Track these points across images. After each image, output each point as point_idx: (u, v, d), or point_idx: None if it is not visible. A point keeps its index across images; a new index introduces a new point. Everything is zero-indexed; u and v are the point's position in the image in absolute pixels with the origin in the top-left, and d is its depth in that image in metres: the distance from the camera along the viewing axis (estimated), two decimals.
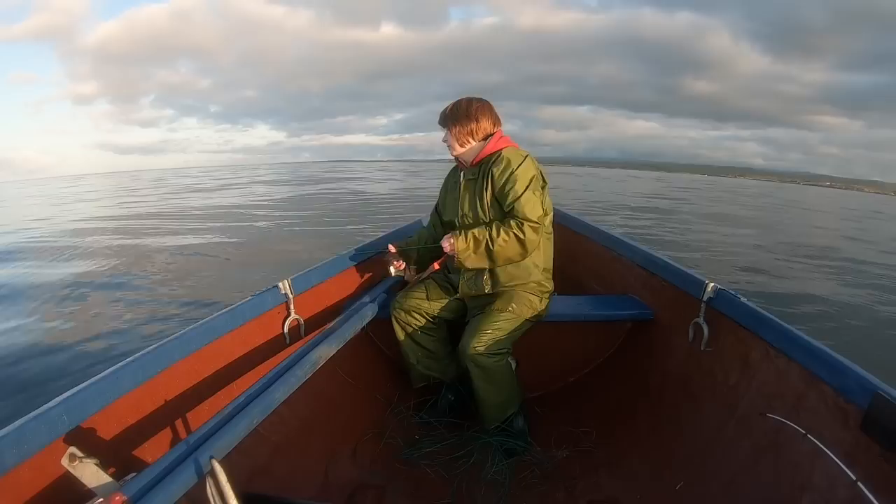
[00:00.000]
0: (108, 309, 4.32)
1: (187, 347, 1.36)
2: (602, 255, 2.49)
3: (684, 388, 1.70)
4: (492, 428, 1.74)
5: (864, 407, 1.05)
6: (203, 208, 14.10)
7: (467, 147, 1.77)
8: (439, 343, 1.90)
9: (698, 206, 18.70)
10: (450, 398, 1.91)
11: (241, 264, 6.24)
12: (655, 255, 2.10)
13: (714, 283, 1.67)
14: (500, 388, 1.71)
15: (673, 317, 1.86)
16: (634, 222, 11.51)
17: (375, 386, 2.03)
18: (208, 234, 8.77)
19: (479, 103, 1.76)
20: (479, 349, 1.64)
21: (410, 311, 1.85)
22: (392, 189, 20.31)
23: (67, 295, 4.82)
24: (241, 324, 1.56)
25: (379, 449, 1.73)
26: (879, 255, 9.29)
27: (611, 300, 2.19)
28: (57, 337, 3.62)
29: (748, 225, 13.14)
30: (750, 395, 1.43)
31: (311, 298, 1.87)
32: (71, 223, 11.27)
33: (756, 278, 6.18)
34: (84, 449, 0.94)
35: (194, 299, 4.48)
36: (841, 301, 5.33)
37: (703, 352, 1.67)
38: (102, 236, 8.74)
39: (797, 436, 1.19)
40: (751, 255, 7.94)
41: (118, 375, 1.15)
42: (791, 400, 1.28)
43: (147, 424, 1.24)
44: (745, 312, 1.53)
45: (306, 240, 7.95)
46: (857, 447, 1.07)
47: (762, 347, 1.43)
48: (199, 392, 1.39)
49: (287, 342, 1.76)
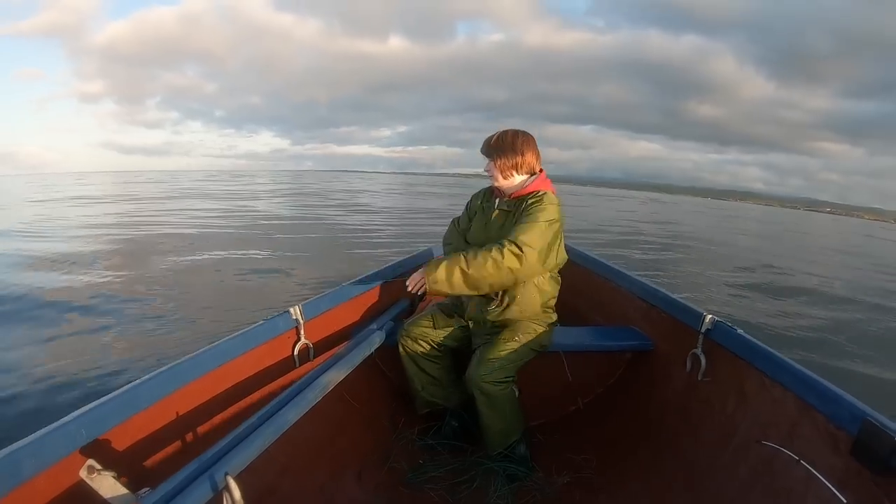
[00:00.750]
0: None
1: (201, 368, 1.41)
2: (603, 287, 2.56)
3: (683, 417, 1.75)
4: (495, 454, 1.78)
5: (854, 433, 1.11)
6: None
7: (510, 180, 1.80)
8: (444, 371, 1.95)
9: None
10: (454, 424, 1.95)
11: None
12: (655, 287, 2.17)
13: (712, 315, 1.74)
14: (503, 416, 1.75)
15: (672, 347, 1.92)
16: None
17: (381, 411, 2.07)
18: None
19: (524, 137, 1.79)
20: (486, 377, 1.69)
21: (417, 338, 1.91)
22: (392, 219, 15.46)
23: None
24: (252, 347, 1.62)
25: (383, 473, 1.76)
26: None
27: (611, 331, 2.24)
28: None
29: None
30: (746, 424, 1.49)
31: (320, 324, 1.93)
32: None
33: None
34: (101, 462, 0.98)
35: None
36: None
37: (700, 382, 1.73)
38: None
39: (791, 462, 1.25)
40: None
41: (135, 392, 1.20)
42: (785, 427, 1.34)
43: (162, 440, 1.29)
44: (742, 343, 1.59)
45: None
46: (848, 472, 1.12)
47: (758, 377, 1.49)
48: (212, 411, 1.44)
49: (296, 365, 1.81)
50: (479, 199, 1.99)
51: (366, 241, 9.72)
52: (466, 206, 2.04)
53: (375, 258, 7.39)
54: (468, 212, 2.01)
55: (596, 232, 14.06)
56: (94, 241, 8.69)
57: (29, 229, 10.23)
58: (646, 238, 13.70)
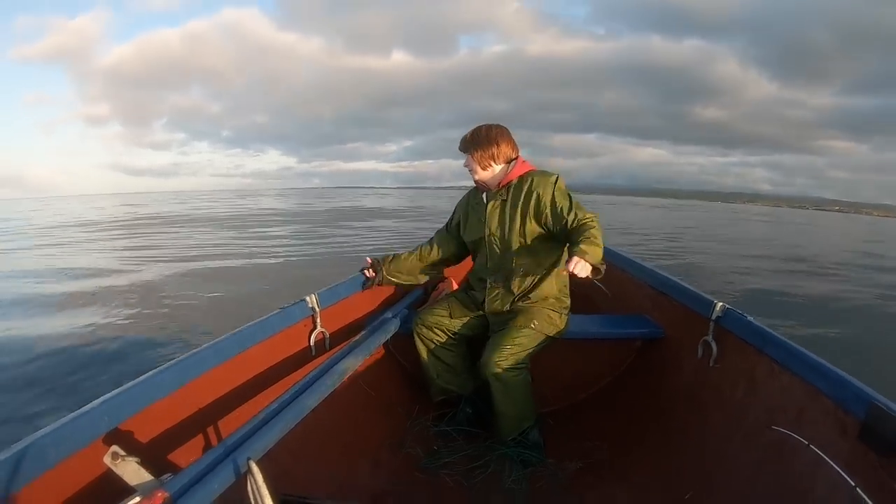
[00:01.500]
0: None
1: (220, 356, 1.43)
2: (615, 276, 2.56)
3: (693, 403, 1.77)
4: (508, 440, 1.81)
5: (861, 417, 1.12)
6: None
7: (489, 171, 1.86)
8: (459, 358, 1.98)
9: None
10: (468, 411, 1.98)
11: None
12: (666, 275, 2.19)
13: (722, 303, 1.75)
14: (517, 402, 1.78)
15: (683, 335, 1.93)
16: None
17: (396, 398, 2.10)
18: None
19: (498, 129, 1.87)
20: (501, 364, 1.71)
21: (432, 327, 1.94)
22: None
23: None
24: (270, 335, 1.64)
25: (399, 458, 1.79)
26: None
27: (623, 319, 2.26)
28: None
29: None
30: (755, 409, 1.50)
31: (336, 312, 1.95)
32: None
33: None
34: (125, 448, 0.99)
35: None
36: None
37: (711, 368, 1.74)
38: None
39: (800, 446, 1.26)
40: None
41: (156, 380, 1.23)
42: (794, 413, 1.35)
43: (183, 427, 1.31)
44: (752, 330, 1.60)
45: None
46: (856, 455, 1.13)
47: (767, 363, 1.51)
48: (231, 398, 1.47)
49: (313, 354, 1.84)
50: (466, 200, 2.05)
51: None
52: (453, 213, 2.10)
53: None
54: (457, 215, 2.08)
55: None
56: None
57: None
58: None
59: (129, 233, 14.84)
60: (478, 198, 1.97)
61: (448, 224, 2.13)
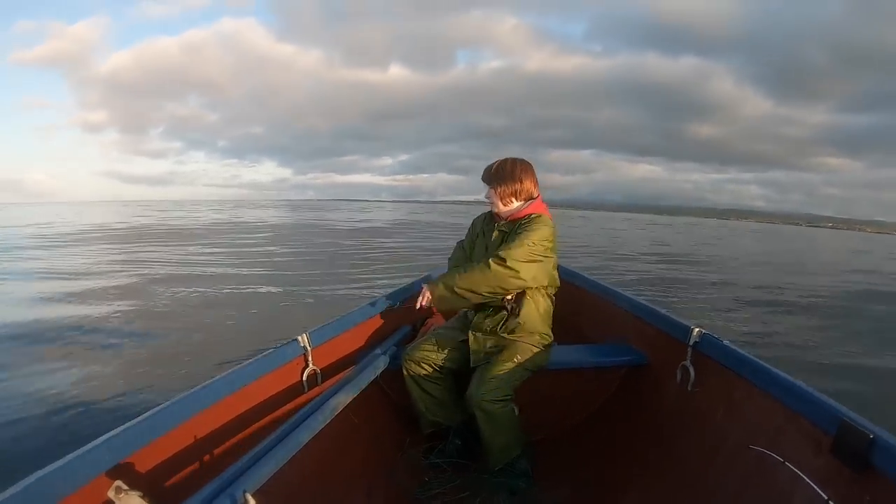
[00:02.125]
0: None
1: (216, 395, 1.49)
2: (598, 305, 2.65)
3: (676, 427, 1.82)
4: (497, 469, 1.85)
5: (834, 434, 1.18)
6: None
7: (509, 206, 1.93)
8: (446, 391, 2.03)
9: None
10: (457, 442, 2.02)
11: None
12: (645, 302, 2.27)
13: (699, 328, 1.82)
14: (503, 432, 1.83)
15: (663, 361, 2.00)
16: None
17: (387, 432, 2.16)
18: None
19: (523, 165, 1.93)
20: (485, 396, 1.77)
21: (420, 362, 1.99)
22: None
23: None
24: (263, 374, 1.70)
25: (391, 490, 1.84)
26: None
27: (607, 348, 2.33)
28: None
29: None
30: (735, 430, 1.56)
31: (327, 350, 2.01)
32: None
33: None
34: (128, 482, 1.05)
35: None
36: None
37: (691, 392, 1.81)
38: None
39: (777, 464, 1.33)
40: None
41: (156, 418, 1.29)
42: (771, 432, 1.42)
43: (182, 462, 1.37)
44: (728, 354, 1.67)
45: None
46: (830, 471, 1.19)
47: (744, 385, 1.57)
48: (227, 435, 1.52)
49: (305, 390, 1.89)
50: (481, 222, 2.12)
51: None
52: (469, 230, 2.17)
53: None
54: (471, 234, 2.14)
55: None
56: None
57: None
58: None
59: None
60: (489, 223, 2.05)
61: (464, 242, 2.18)
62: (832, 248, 27.77)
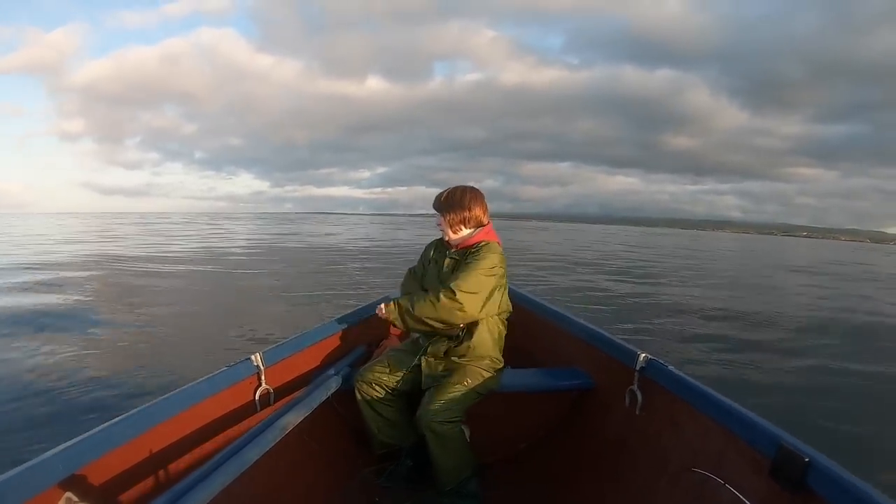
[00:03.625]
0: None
1: (168, 411, 1.50)
2: (549, 329, 2.69)
3: (623, 450, 1.87)
4: (447, 490, 1.87)
5: (772, 456, 1.23)
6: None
7: (459, 234, 1.99)
8: (398, 413, 2.04)
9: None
10: (409, 463, 2.03)
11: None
12: (595, 328, 2.32)
13: (645, 354, 1.87)
14: (453, 454, 1.85)
15: (611, 385, 2.04)
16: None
17: (339, 452, 2.16)
18: None
19: (472, 193, 1.98)
20: (435, 417, 1.80)
21: (372, 383, 2.01)
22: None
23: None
24: (216, 392, 1.70)
25: None
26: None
27: (556, 372, 2.36)
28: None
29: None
30: (679, 453, 1.61)
31: (280, 370, 2.01)
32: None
33: None
34: (78, 494, 1.08)
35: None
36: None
37: (637, 416, 1.86)
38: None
39: (719, 486, 1.38)
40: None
41: (109, 432, 1.29)
42: (713, 455, 1.47)
43: (134, 476, 1.38)
44: (672, 379, 1.73)
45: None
46: (770, 493, 1.24)
47: (687, 409, 1.62)
48: (179, 451, 1.53)
49: (258, 409, 1.89)
50: (432, 249, 2.17)
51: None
52: (421, 256, 2.21)
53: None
54: (423, 260, 2.19)
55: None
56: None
57: None
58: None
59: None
60: (441, 251, 2.10)
61: (415, 269, 2.22)
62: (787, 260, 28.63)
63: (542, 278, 11.80)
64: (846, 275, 19.31)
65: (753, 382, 4.64)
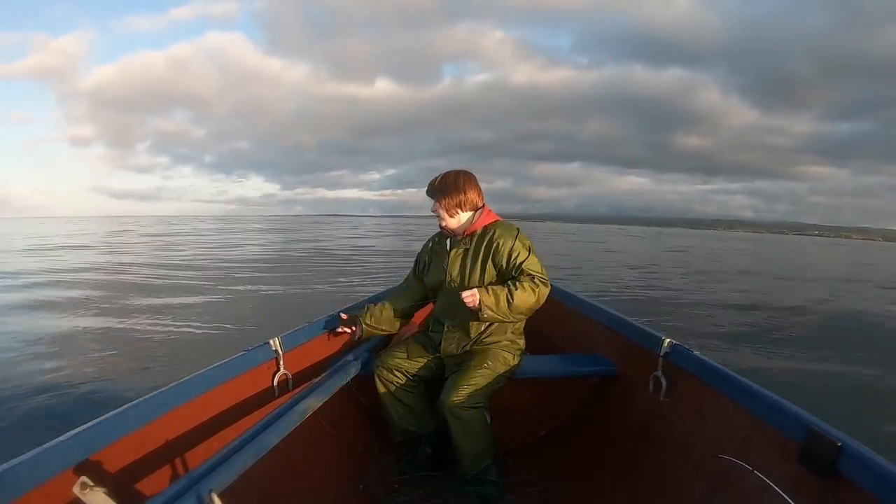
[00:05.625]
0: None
1: (185, 395, 1.49)
2: (570, 317, 2.67)
3: (646, 437, 1.84)
4: (468, 477, 1.85)
5: (802, 441, 1.20)
6: None
7: (455, 218, 1.96)
8: (418, 399, 2.02)
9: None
10: (428, 451, 2.01)
11: None
12: (617, 314, 2.29)
13: (670, 339, 1.84)
14: (475, 440, 1.83)
15: (634, 371, 2.02)
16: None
17: (358, 438, 2.14)
18: None
19: (465, 176, 1.96)
20: (458, 402, 1.77)
21: (392, 369, 1.99)
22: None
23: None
24: (233, 376, 1.69)
25: (361, 497, 1.82)
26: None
27: (578, 358, 2.34)
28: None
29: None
30: (704, 440, 1.58)
31: (299, 355, 2.00)
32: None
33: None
34: (94, 479, 1.05)
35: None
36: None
37: (661, 402, 1.83)
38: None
39: (746, 473, 1.35)
40: None
41: (124, 416, 1.28)
42: (739, 441, 1.44)
43: (150, 461, 1.36)
44: (698, 364, 1.69)
45: None
46: (799, 479, 1.21)
47: (713, 395, 1.59)
48: (195, 435, 1.51)
49: (276, 394, 1.88)
50: (431, 244, 2.16)
51: None
52: (420, 254, 2.20)
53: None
54: (423, 257, 2.18)
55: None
56: None
57: None
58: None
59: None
60: (442, 243, 2.07)
61: (415, 268, 2.21)
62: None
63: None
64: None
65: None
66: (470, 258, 1.94)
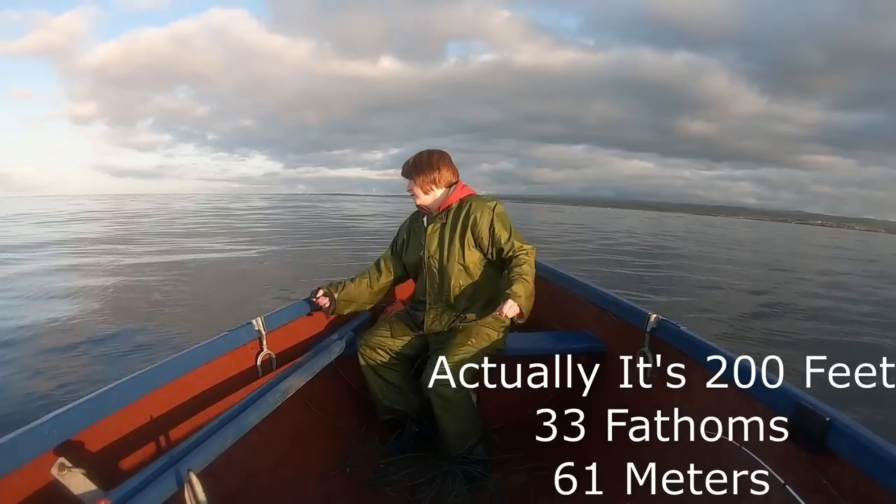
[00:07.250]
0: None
1: (167, 376, 1.46)
2: (558, 294, 2.65)
3: (633, 413, 1.82)
4: (454, 457, 1.85)
5: (790, 417, 1.20)
6: None
7: (430, 195, 1.95)
8: (403, 378, 2.01)
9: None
10: (414, 430, 2.01)
11: None
12: (605, 291, 2.27)
13: (656, 315, 1.84)
14: (460, 419, 1.82)
15: (622, 348, 2.00)
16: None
17: (344, 419, 2.13)
18: None
19: (439, 154, 1.98)
20: (441, 381, 1.76)
21: (375, 347, 1.97)
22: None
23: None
24: (216, 356, 1.67)
25: (346, 477, 1.82)
26: None
27: (564, 335, 2.33)
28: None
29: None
30: (692, 415, 1.56)
31: (282, 335, 1.98)
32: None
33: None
34: (72, 460, 1.04)
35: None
36: None
37: (648, 378, 1.82)
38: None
39: (734, 449, 1.35)
40: None
41: (104, 397, 1.26)
42: (727, 416, 1.42)
43: (130, 442, 1.34)
44: (685, 339, 1.70)
45: None
46: (788, 455, 1.20)
47: (700, 371, 1.59)
48: (177, 416, 1.50)
49: (259, 374, 1.86)
50: (409, 222, 2.15)
51: None
52: (397, 235, 2.18)
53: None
54: (399, 238, 2.16)
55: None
56: None
57: None
58: None
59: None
60: (419, 221, 2.06)
61: (392, 246, 2.20)
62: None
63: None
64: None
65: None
66: (448, 232, 1.93)
